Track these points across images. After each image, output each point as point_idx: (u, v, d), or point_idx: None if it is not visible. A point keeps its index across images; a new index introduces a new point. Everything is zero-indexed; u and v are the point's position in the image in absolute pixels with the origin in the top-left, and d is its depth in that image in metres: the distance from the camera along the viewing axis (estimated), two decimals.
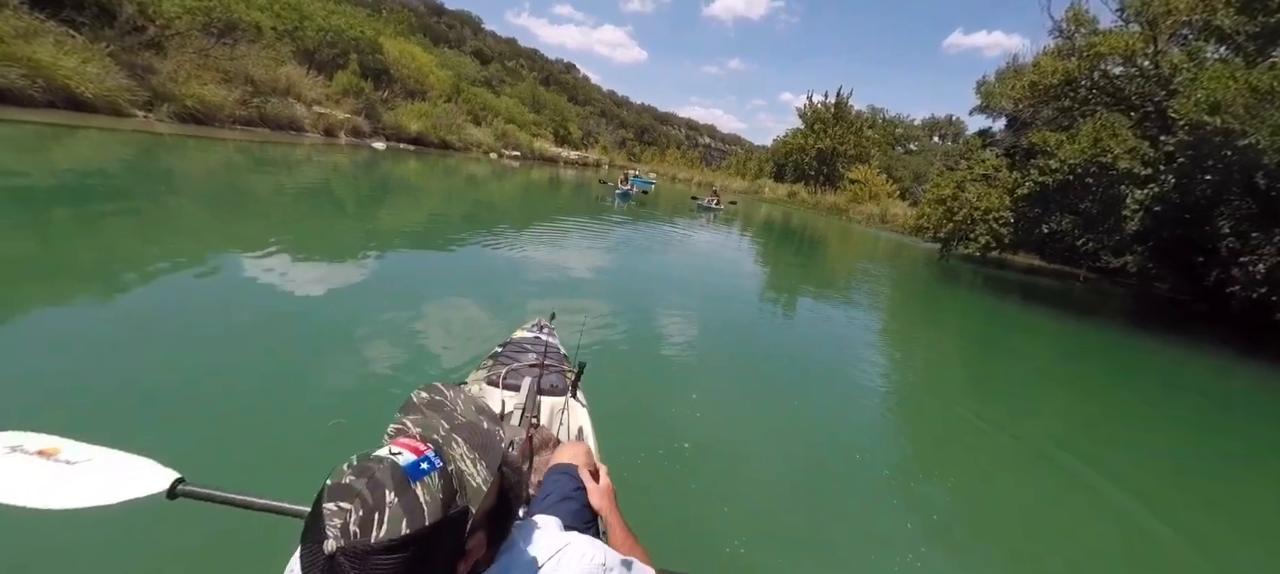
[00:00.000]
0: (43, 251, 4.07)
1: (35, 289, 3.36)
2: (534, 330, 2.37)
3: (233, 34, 17.48)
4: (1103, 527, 2.96)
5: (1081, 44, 10.56)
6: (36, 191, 5.82)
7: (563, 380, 1.94)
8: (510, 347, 2.18)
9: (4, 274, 3.55)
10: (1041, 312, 10.06)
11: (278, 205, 7.76)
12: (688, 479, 2.58)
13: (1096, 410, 5.18)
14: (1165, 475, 3.81)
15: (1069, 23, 11.14)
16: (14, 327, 2.89)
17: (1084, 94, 10.46)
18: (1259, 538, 3.09)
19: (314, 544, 0.56)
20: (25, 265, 3.76)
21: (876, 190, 34.51)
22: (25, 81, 10.48)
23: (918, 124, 55.00)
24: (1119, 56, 9.77)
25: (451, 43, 58.10)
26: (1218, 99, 7.16)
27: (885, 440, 3.62)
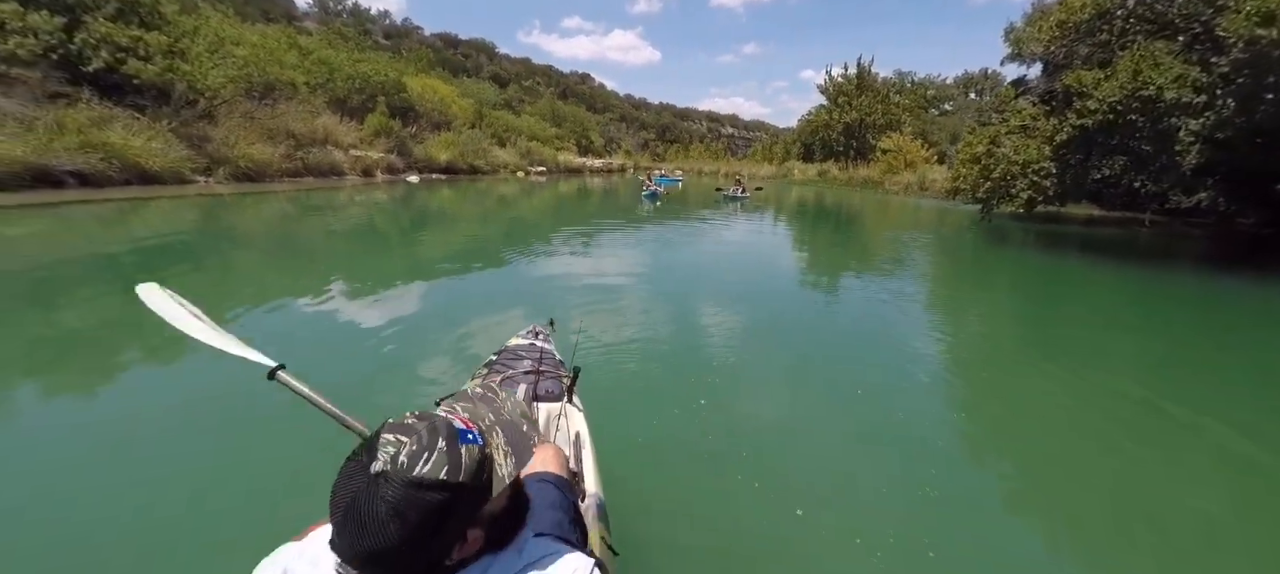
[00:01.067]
0: (130, 313, 4.58)
1: (127, 350, 3.79)
2: (529, 337, 2.36)
3: (272, 95, 18.73)
4: (1197, 468, 2.81)
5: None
6: (122, 260, 6.49)
7: (558, 386, 1.93)
8: (506, 354, 2.18)
9: (100, 338, 4.02)
10: (1103, 262, 9.40)
11: (325, 246, 8.32)
12: (694, 480, 2.48)
13: (1172, 353, 4.84)
14: (1261, 409, 3.56)
15: None
16: (112, 386, 3.28)
17: (1121, 25, 9.86)
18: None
19: (362, 462, 0.63)
20: (115, 328, 4.22)
21: (912, 157, 33.32)
22: (103, 164, 11.64)
23: (951, 83, 52.73)
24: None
25: (469, 71, 59.92)
26: (1272, 8, 6.65)
27: (940, 419, 3.31)
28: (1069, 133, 9.56)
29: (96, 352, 3.76)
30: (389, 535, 0.61)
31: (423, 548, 0.63)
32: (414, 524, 0.62)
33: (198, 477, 2.37)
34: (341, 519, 0.62)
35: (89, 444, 2.55)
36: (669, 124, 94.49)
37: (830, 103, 43.06)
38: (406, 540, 0.62)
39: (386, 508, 0.60)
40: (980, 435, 3.17)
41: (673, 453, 2.68)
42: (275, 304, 4.81)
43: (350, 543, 0.62)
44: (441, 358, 3.69)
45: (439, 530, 0.64)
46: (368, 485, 0.61)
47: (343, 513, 0.62)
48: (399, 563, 0.63)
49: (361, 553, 0.62)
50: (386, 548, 0.61)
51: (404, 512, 0.61)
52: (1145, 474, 2.77)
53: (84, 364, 3.55)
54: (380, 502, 0.60)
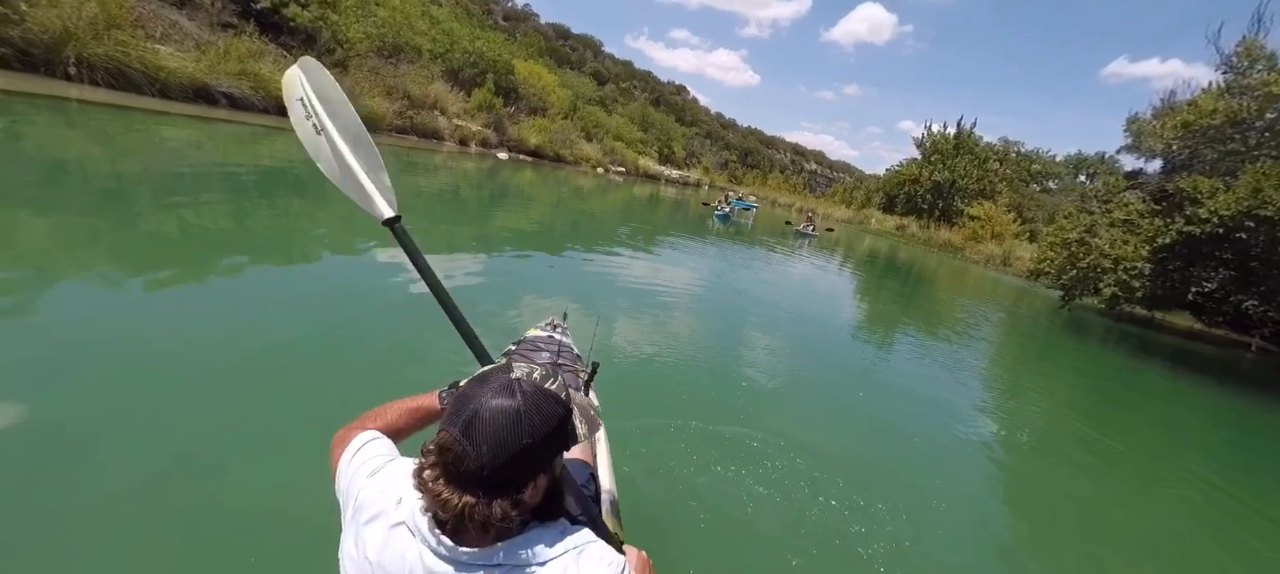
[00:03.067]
0: (233, 220, 5.29)
1: (224, 250, 4.35)
2: (547, 329, 2.40)
3: (398, 55, 20.62)
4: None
5: (1255, 82, 9.25)
6: (243, 176, 7.53)
7: (576, 380, 1.95)
8: (524, 344, 2.22)
9: (210, 241, 4.53)
10: (1190, 379, 8.71)
11: (410, 203, 8.97)
12: (707, 488, 2.48)
13: (1246, 492, 4.38)
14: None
15: (1241, 58, 9.79)
16: (212, 281, 3.71)
17: (1256, 139, 9.15)
18: None
19: (494, 374, 0.74)
20: (221, 230, 4.82)
21: (1000, 229, 31.54)
22: (252, 91, 13.39)
23: (1060, 161, 49.28)
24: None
25: (573, 64, 62.38)
26: None
27: (971, 494, 3.20)
28: (1173, 238, 8.99)
29: (199, 249, 4.29)
30: (522, 431, 0.69)
31: (534, 456, 0.71)
32: (543, 427, 0.71)
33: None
34: (477, 414, 0.68)
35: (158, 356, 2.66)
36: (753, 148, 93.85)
37: (923, 158, 41.44)
38: (535, 441, 0.70)
39: (522, 409, 0.69)
40: (1008, 522, 3.08)
41: (688, 459, 2.67)
42: (345, 249, 5.25)
43: (476, 432, 0.68)
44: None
45: (548, 443, 0.72)
46: (505, 388, 0.71)
47: (474, 411, 0.69)
48: (515, 463, 0.69)
49: (490, 449, 0.67)
50: (511, 446, 0.68)
51: (534, 414, 0.70)
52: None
53: (182, 258, 4.00)
54: (519, 404, 0.69)
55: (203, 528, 1.76)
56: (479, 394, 0.70)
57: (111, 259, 3.67)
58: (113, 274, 3.46)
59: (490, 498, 0.68)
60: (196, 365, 2.60)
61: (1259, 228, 7.85)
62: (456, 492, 0.68)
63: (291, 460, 2.09)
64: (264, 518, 1.84)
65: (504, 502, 0.69)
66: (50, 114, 8.21)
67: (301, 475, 1.97)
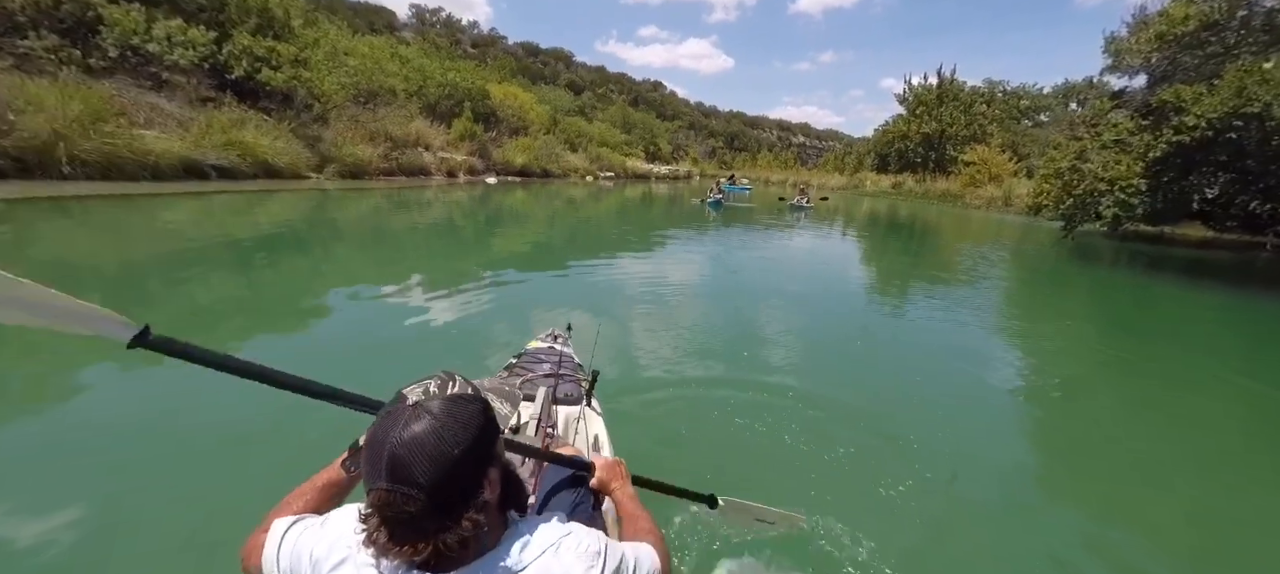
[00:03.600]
0: (245, 287, 5.50)
1: (239, 316, 4.57)
2: (548, 340, 2.39)
3: (374, 100, 20.87)
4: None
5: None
6: (245, 243, 7.69)
7: (577, 389, 1.95)
8: (526, 357, 2.22)
9: (220, 305, 4.78)
10: (1206, 287, 8.55)
11: (409, 240, 9.23)
12: (709, 486, 2.47)
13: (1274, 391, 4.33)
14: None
15: None
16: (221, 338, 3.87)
17: (1234, 38, 9.08)
18: None
19: (393, 410, 0.70)
20: (234, 297, 5.03)
21: (997, 170, 31.33)
22: (239, 160, 13.61)
23: (1048, 92, 48.87)
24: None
25: (547, 79, 62.67)
26: None
27: (1001, 444, 3.11)
28: (1163, 150, 8.94)
29: (210, 319, 4.45)
30: (449, 441, 0.66)
31: (472, 460, 0.69)
32: (465, 431, 0.68)
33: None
34: (395, 454, 0.65)
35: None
36: (738, 132, 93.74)
37: (909, 112, 41.24)
38: (465, 445, 0.68)
39: (437, 423, 0.67)
40: (1044, 463, 3.04)
41: (693, 459, 2.61)
42: (352, 291, 5.41)
43: (402, 468, 0.65)
44: (474, 356, 3.79)
45: (480, 441, 0.70)
46: (411, 415, 0.67)
47: (391, 445, 0.65)
48: (457, 476, 0.67)
49: (420, 471, 0.65)
50: (448, 456, 0.66)
51: (451, 423, 0.68)
52: (1221, 515, 2.55)
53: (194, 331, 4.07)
54: (431, 421, 0.67)
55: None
56: (387, 437, 0.66)
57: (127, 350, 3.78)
58: (129, 360, 3.50)
59: (451, 521, 0.67)
60: (217, 437, 2.65)
61: (1248, 126, 7.80)
62: (416, 538, 0.66)
63: None
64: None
65: (469, 514, 0.68)
66: (52, 215, 8.43)
67: None
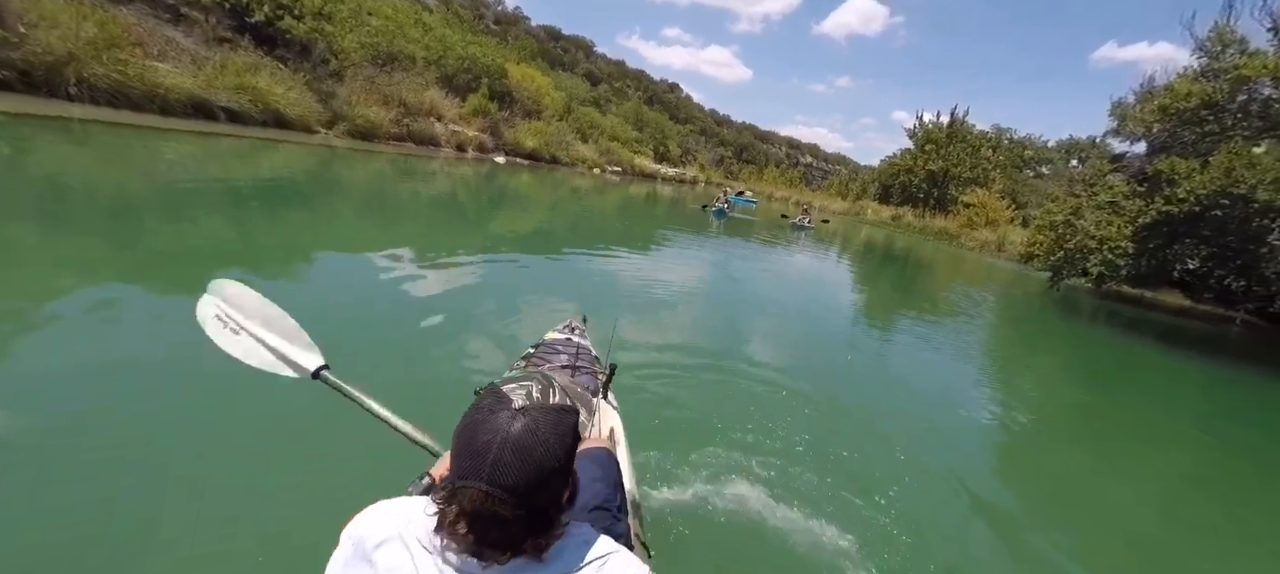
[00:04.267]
0: (236, 237, 5.26)
1: (231, 262, 4.40)
2: (566, 331, 2.39)
3: (392, 64, 20.84)
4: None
5: (1226, 65, 9.52)
6: (243, 190, 7.55)
7: (594, 382, 1.94)
8: (543, 347, 2.22)
9: (204, 253, 4.55)
10: (1177, 353, 8.98)
11: (412, 209, 9.21)
12: (726, 489, 2.47)
13: (1223, 462, 4.61)
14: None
15: (1213, 42, 10.05)
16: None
17: (1231, 121, 9.41)
18: None
19: (497, 406, 0.68)
20: (225, 242, 4.88)
21: (994, 215, 31.80)
22: (250, 105, 13.60)
23: (1052, 146, 49.54)
24: (1270, 79, 8.70)
25: (566, 65, 62.54)
26: None
27: (973, 474, 3.26)
28: (1153, 217, 9.25)
29: (204, 263, 4.30)
30: (551, 453, 0.67)
31: (565, 472, 0.70)
32: (563, 443, 0.69)
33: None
34: (496, 455, 0.65)
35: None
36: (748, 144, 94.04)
37: (917, 148, 41.68)
38: (561, 459, 0.69)
39: (544, 434, 0.67)
40: (1004, 493, 3.25)
41: (704, 456, 2.65)
42: (348, 259, 5.21)
43: (507, 474, 0.64)
44: (483, 340, 3.77)
45: (570, 453, 0.72)
46: (517, 419, 0.67)
47: (497, 448, 0.65)
48: (550, 487, 0.68)
49: (524, 480, 0.65)
50: (548, 468, 0.67)
51: (553, 433, 0.68)
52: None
53: (186, 274, 3.96)
54: (531, 429, 0.66)
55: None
56: (492, 436, 0.66)
57: (118, 275, 3.76)
58: (120, 287, 3.54)
59: (539, 529, 0.69)
60: (196, 382, 2.52)
61: (1233, 205, 8.13)
62: (501, 541, 0.67)
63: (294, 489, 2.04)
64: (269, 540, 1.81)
65: (557, 519, 0.72)
66: (54, 134, 8.42)
67: (302, 503, 1.93)
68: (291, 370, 1.29)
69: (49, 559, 1.60)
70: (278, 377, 1.42)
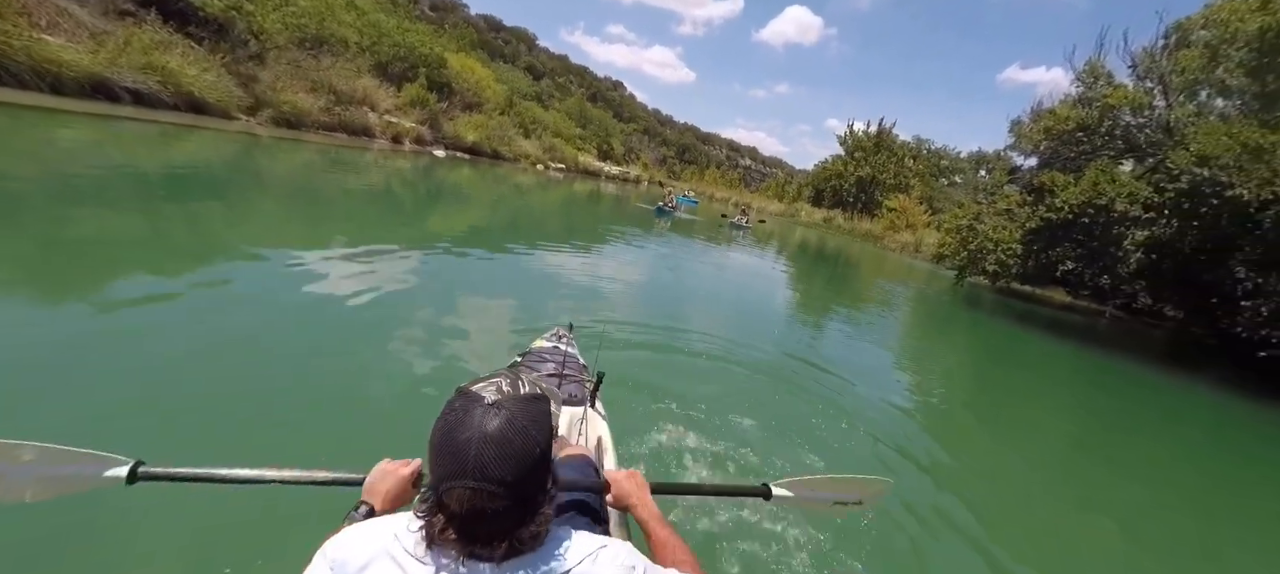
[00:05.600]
0: (143, 233, 4.72)
1: (128, 268, 3.87)
2: (553, 340, 2.39)
3: (321, 48, 19.74)
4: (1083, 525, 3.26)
5: (1097, 95, 11.09)
6: (152, 179, 6.90)
7: (581, 390, 1.94)
8: (530, 356, 2.22)
9: (105, 254, 4.04)
10: (1056, 340, 10.34)
11: (343, 205, 8.56)
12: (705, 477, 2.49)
13: (1086, 421, 5.67)
14: (1144, 491, 4.08)
15: (1087, 74, 11.67)
16: (98, 301, 3.21)
17: (1099, 142, 10.95)
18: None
19: (470, 405, 0.68)
20: (122, 247, 4.28)
21: (913, 220, 34.46)
22: (159, 86, 12.53)
23: (964, 157, 54.06)
24: (1128, 109, 10.28)
25: (507, 58, 61.25)
26: (1207, 153, 7.66)
27: (903, 452, 3.61)
28: (1037, 223, 10.58)
29: (103, 262, 3.88)
30: (532, 441, 0.68)
31: (546, 458, 0.71)
32: (541, 430, 0.70)
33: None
34: (478, 451, 0.65)
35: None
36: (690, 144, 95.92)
37: (847, 154, 44.35)
38: (542, 445, 0.69)
39: (520, 421, 0.67)
40: (918, 454, 3.66)
41: (690, 460, 2.71)
42: (279, 260, 4.66)
43: (492, 467, 0.64)
44: (440, 346, 3.57)
45: (550, 439, 0.72)
46: (488, 413, 0.67)
47: (478, 444, 0.65)
48: (537, 474, 0.69)
49: (510, 471, 0.65)
50: (531, 455, 0.67)
51: (530, 422, 0.69)
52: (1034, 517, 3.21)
53: (81, 274, 3.60)
54: (508, 420, 0.67)
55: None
56: (469, 435, 0.66)
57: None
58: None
59: (529, 516, 0.69)
60: (98, 395, 2.33)
61: (1098, 214, 9.49)
62: (493, 534, 0.67)
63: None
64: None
65: (543, 509, 0.71)
66: None
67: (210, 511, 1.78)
68: (92, 485, 1.00)
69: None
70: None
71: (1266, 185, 7.27)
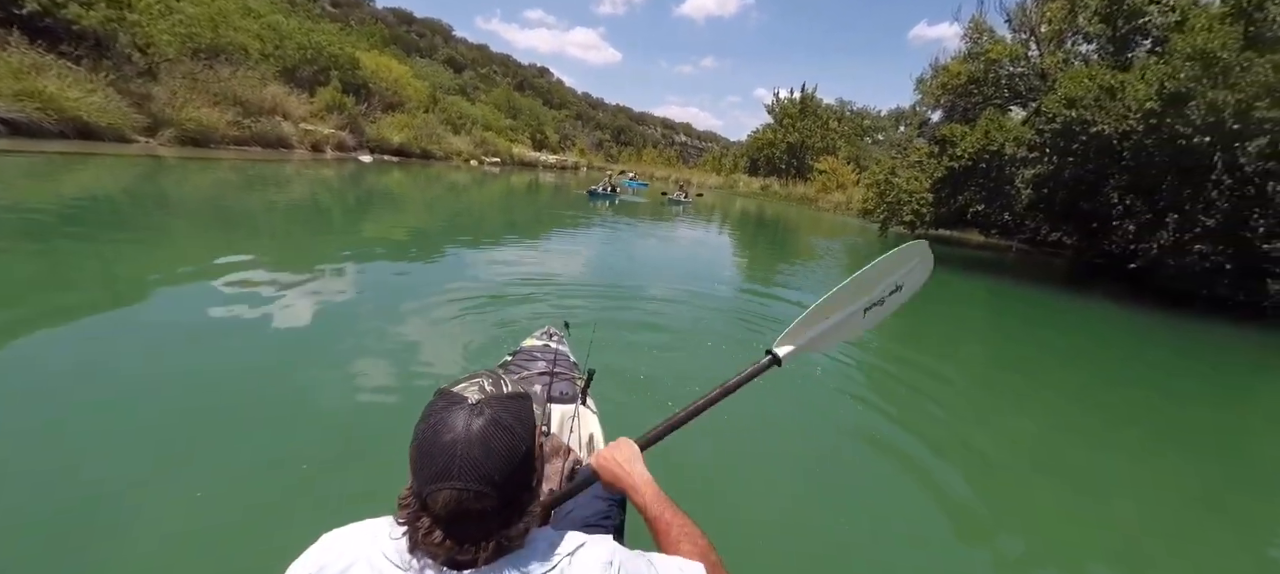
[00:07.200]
0: (40, 274, 4.30)
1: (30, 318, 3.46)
2: (543, 338, 2.39)
3: (217, 58, 18.37)
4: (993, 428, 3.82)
5: (981, 50, 12.25)
6: (44, 218, 6.14)
7: (572, 388, 1.96)
8: (521, 354, 2.23)
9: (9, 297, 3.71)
10: (971, 275, 11.52)
11: (268, 223, 8.04)
12: (701, 478, 2.53)
13: (998, 338, 6.73)
14: (1045, 391, 4.87)
15: (972, 31, 12.85)
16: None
17: (989, 92, 12.12)
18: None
19: (452, 406, 0.67)
20: (11, 289, 3.89)
21: (842, 179, 36.28)
22: (39, 114, 11.42)
23: (884, 115, 57.17)
24: (1008, 60, 11.45)
25: (423, 52, 58.70)
26: (1073, 95, 8.74)
27: (850, 389, 3.93)
28: (943, 172, 11.64)
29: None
30: (518, 439, 0.68)
31: (531, 455, 0.70)
32: (526, 428, 0.70)
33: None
34: (463, 452, 0.64)
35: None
36: (624, 126, 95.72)
37: (776, 123, 45.86)
38: (529, 443, 0.69)
39: (506, 420, 0.67)
40: (848, 381, 4.10)
41: (680, 455, 2.79)
42: (201, 287, 4.35)
43: (478, 467, 0.64)
44: (402, 359, 3.42)
45: (535, 436, 0.71)
46: (471, 413, 0.66)
47: (464, 445, 0.64)
48: (523, 473, 0.69)
49: (496, 470, 0.65)
50: (514, 457, 0.67)
51: (516, 420, 0.69)
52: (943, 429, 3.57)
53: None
54: (493, 420, 0.66)
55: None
56: (454, 436, 0.65)
57: None
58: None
59: (516, 515, 0.69)
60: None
61: (992, 159, 10.59)
62: (481, 535, 0.67)
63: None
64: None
65: (530, 507, 0.71)
66: None
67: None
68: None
69: None
70: None
71: (1122, 120, 8.41)
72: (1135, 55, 9.86)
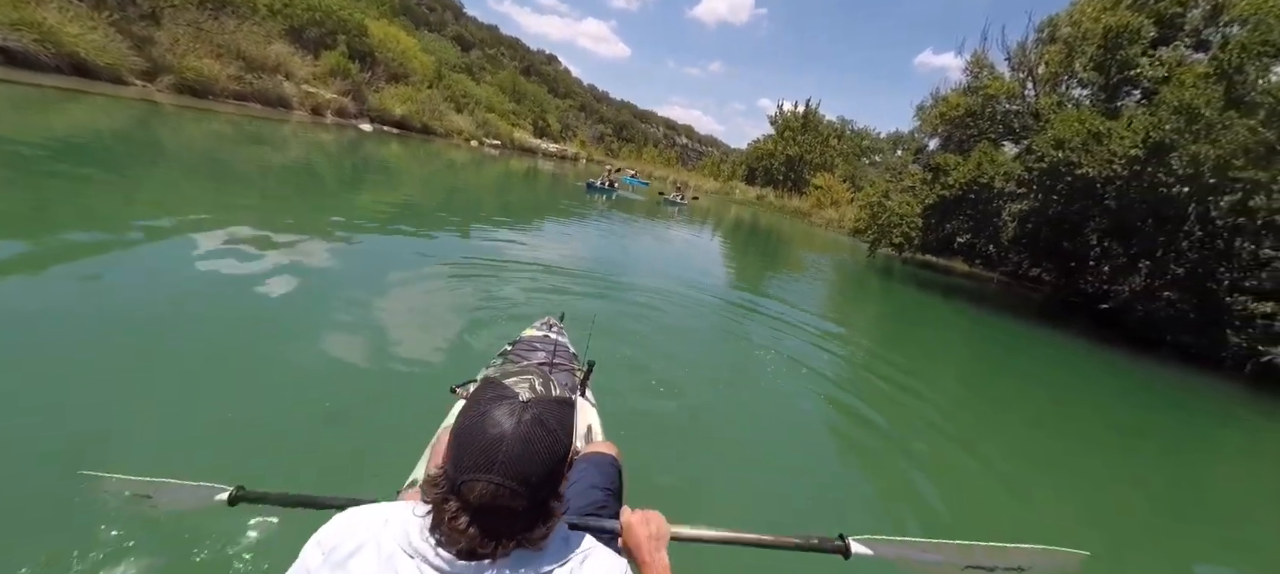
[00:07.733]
0: (25, 208, 4.18)
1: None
2: (543, 329, 2.40)
3: (225, 9, 18.12)
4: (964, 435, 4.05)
5: (981, 84, 12.60)
6: (28, 152, 5.99)
7: (572, 379, 1.96)
8: (520, 345, 2.24)
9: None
10: (953, 302, 11.77)
11: (262, 182, 7.86)
12: (699, 474, 2.54)
13: (972, 363, 6.96)
14: (1015, 421, 5.03)
15: (974, 65, 13.20)
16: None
17: (985, 125, 12.47)
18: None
19: (499, 402, 0.68)
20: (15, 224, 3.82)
21: (837, 197, 36.75)
22: (36, 45, 11.22)
23: (883, 137, 57.81)
24: (1005, 97, 11.80)
25: (432, 26, 58.16)
26: (1062, 137, 9.07)
27: (836, 403, 4.08)
28: (934, 199, 11.94)
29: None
30: (559, 444, 0.69)
31: (566, 462, 0.72)
32: (567, 434, 0.71)
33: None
34: (507, 447, 0.65)
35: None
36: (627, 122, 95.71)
37: (778, 134, 46.23)
38: (567, 449, 0.71)
39: (550, 423, 0.69)
40: (836, 395, 4.24)
41: (681, 447, 2.75)
42: (190, 242, 4.19)
43: (518, 465, 0.65)
44: (402, 346, 3.32)
45: (570, 446, 0.73)
46: (520, 409, 0.68)
47: (508, 441, 0.65)
48: (555, 478, 0.70)
49: (534, 471, 0.66)
50: (552, 460, 0.68)
51: (559, 425, 0.70)
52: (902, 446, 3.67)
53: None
54: (538, 420, 0.68)
55: None
56: (501, 430, 0.66)
57: None
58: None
59: (541, 517, 0.70)
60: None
61: (981, 191, 10.91)
62: (505, 532, 0.68)
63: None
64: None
65: (556, 511, 0.72)
66: None
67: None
68: (200, 494, 1.17)
69: None
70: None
71: (1106, 164, 8.74)
72: (1125, 104, 10.25)
